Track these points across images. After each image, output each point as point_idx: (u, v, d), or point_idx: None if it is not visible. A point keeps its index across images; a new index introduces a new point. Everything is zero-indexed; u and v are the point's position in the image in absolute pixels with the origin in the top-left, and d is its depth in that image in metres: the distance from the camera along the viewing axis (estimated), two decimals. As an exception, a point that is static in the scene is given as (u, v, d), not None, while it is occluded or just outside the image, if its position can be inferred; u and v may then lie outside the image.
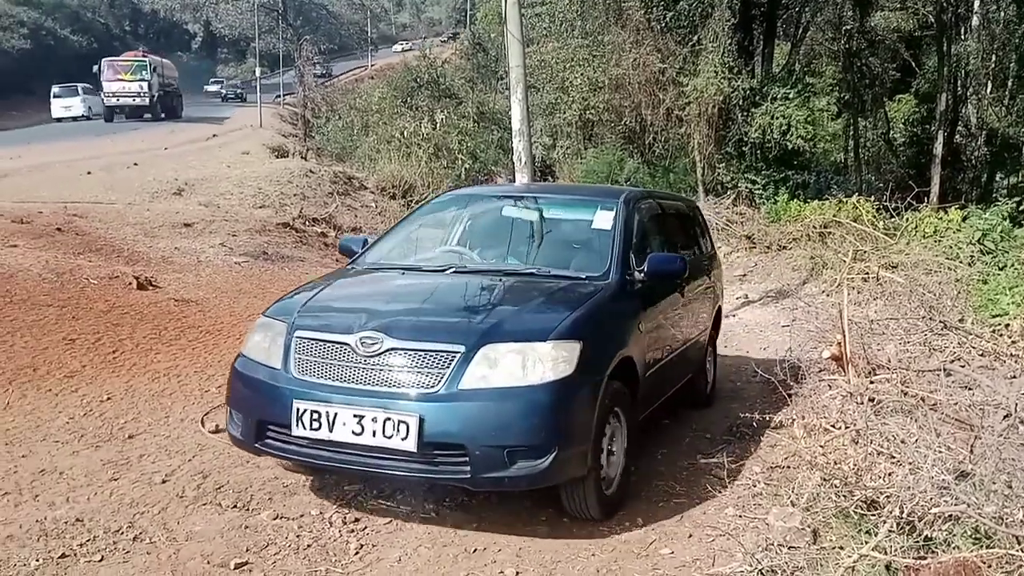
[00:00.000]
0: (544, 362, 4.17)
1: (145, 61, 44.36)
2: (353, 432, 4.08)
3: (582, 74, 21.13)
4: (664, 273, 5.32)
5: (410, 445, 4.00)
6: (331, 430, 4.12)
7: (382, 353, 4.20)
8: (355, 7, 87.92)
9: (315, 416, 4.15)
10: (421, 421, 3.99)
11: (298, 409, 4.19)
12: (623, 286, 5.08)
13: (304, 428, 4.18)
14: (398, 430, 4.01)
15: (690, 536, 4.46)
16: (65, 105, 44.93)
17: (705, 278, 7.07)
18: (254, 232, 12.42)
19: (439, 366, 4.14)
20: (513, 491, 4.57)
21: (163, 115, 45.19)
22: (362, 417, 4.07)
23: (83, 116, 44.74)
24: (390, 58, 61.24)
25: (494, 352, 4.18)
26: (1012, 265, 10.28)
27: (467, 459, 4.03)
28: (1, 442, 5.24)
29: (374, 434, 4.05)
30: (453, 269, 5.30)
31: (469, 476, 4.04)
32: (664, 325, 5.65)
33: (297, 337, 4.44)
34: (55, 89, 45.48)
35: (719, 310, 7.74)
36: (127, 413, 5.79)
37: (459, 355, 4.14)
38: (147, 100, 43.38)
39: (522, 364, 4.17)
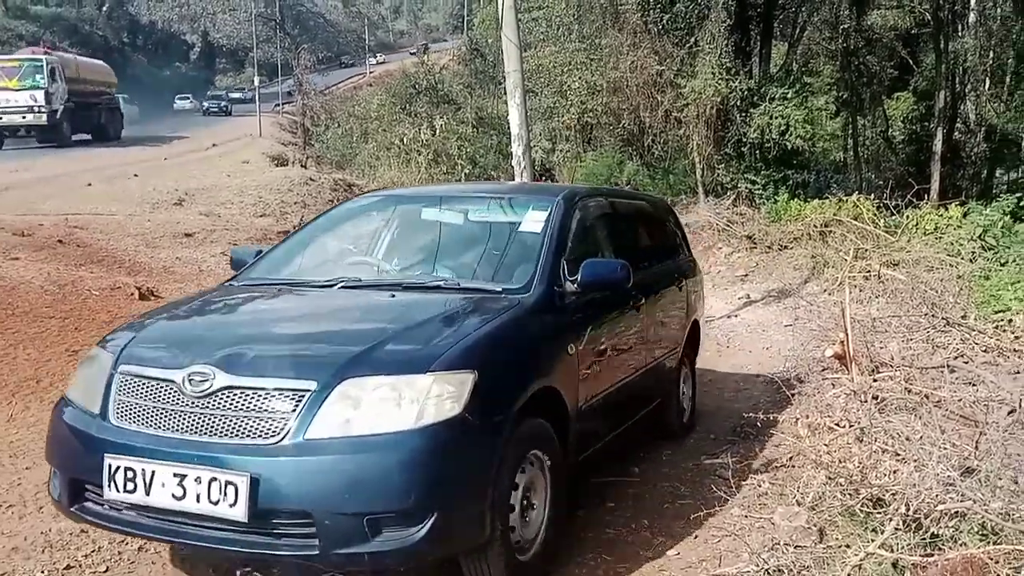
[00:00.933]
0: (422, 400, 3.26)
1: (41, 61, 31.42)
2: (174, 496, 3.19)
3: (580, 77, 21.18)
4: (601, 283, 4.41)
5: (239, 513, 3.11)
6: (148, 492, 3.22)
7: (213, 393, 3.32)
8: (352, 15, 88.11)
9: (129, 475, 3.26)
10: (253, 482, 3.10)
11: (110, 466, 3.30)
12: (549, 300, 4.19)
13: (117, 490, 3.28)
14: (225, 494, 3.12)
15: (696, 537, 4.45)
16: None
17: (673, 289, 6.18)
18: (255, 241, 12.42)
19: (283, 409, 3.25)
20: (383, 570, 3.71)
21: (88, 136, 34.93)
22: (184, 477, 3.18)
23: None
24: (371, 69, 61.19)
25: (357, 389, 3.28)
26: (1014, 261, 10.28)
27: (315, 530, 3.13)
28: (5, 454, 5.25)
29: (198, 498, 3.16)
30: (341, 284, 4.37)
31: (317, 552, 3.15)
32: (611, 346, 4.79)
33: (120, 373, 3.55)
34: None
35: (696, 325, 6.81)
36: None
37: (309, 394, 3.25)
38: (44, 117, 30.85)
39: (395, 403, 3.26)
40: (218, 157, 28.55)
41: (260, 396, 3.29)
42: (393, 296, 4.19)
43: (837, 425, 5.27)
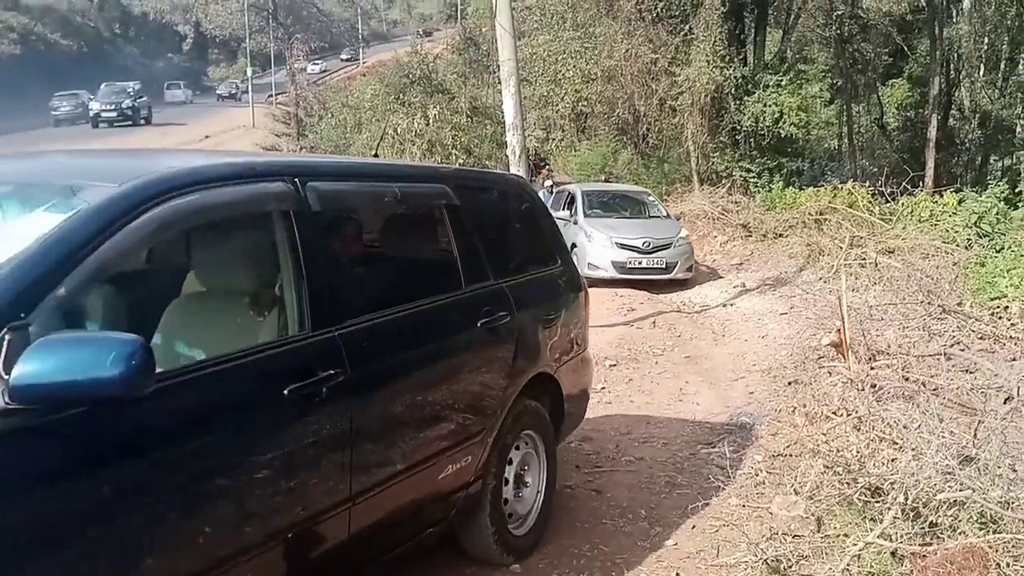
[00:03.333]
0: None
1: None
2: None
3: (574, 66, 21.13)
4: (61, 395, 2.01)
5: None
6: None
7: None
8: (345, 4, 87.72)
9: None
10: None
11: None
12: None
13: None
14: None
15: (694, 527, 4.44)
16: None
17: (474, 334, 3.73)
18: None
19: None
20: None
21: None
22: None
23: None
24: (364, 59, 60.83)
25: None
26: (1009, 247, 10.28)
27: None
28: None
29: None
30: None
31: None
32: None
33: None
34: None
35: (549, 379, 4.32)
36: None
37: None
38: None
39: None
40: (212, 148, 28.42)
41: None
42: None
43: (834, 414, 5.26)
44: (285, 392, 2.61)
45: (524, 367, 4.01)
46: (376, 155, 11.29)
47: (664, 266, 12.57)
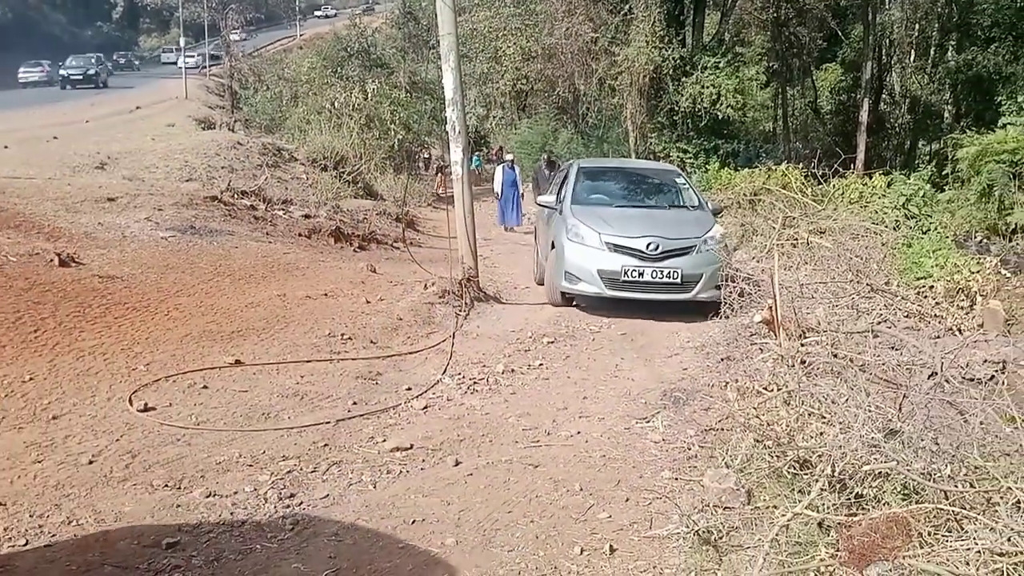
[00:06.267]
0: None
1: None
2: None
3: (515, 43, 21.11)
4: None
5: None
6: None
7: None
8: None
9: None
10: None
11: None
12: None
13: None
14: None
15: (627, 500, 4.49)
16: None
17: None
18: (181, 206, 12.08)
19: None
20: None
21: None
22: None
23: None
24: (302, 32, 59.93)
25: None
26: (935, 229, 10.59)
27: None
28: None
29: None
30: None
31: None
32: None
33: None
34: None
35: None
36: (51, 393, 5.59)
37: None
38: None
39: None
40: (142, 120, 27.73)
41: None
42: None
43: (765, 389, 5.37)
44: None
45: None
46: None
47: (679, 281, 8.96)
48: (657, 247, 8.97)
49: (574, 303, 9.64)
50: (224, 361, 6.44)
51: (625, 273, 8.92)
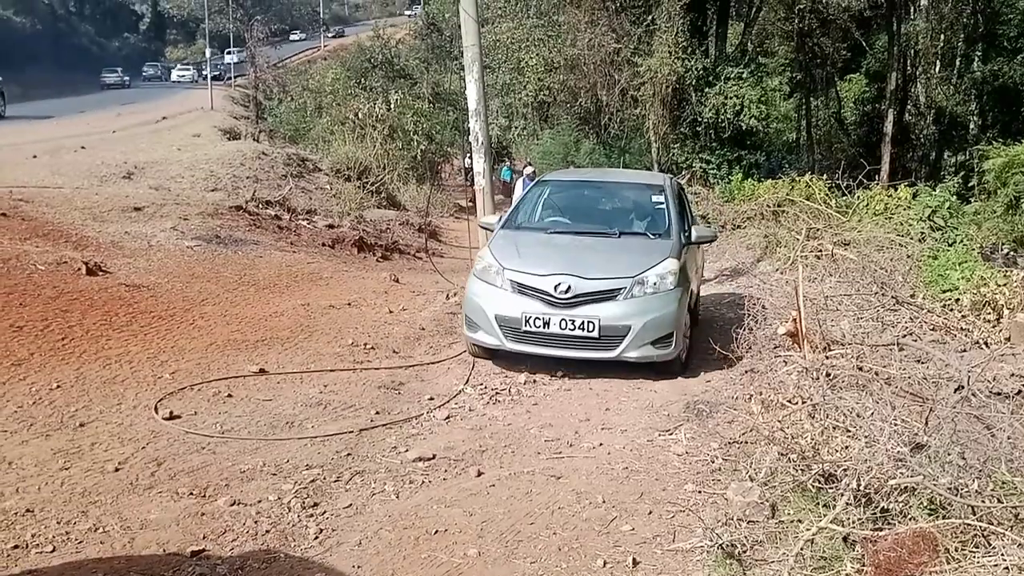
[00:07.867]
0: None
1: None
2: None
3: (537, 54, 21.15)
4: None
5: None
6: None
7: None
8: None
9: None
10: None
11: None
12: None
13: None
14: None
15: (650, 512, 4.47)
16: None
17: None
18: (206, 216, 12.19)
19: None
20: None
21: None
22: None
23: None
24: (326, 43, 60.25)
25: None
26: (961, 241, 10.50)
27: None
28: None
29: None
30: None
31: None
32: None
33: None
34: None
35: None
36: (78, 401, 5.65)
37: None
38: None
39: None
40: (168, 130, 27.95)
41: None
42: None
43: (789, 402, 5.33)
44: None
45: None
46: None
47: (595, 335, 6.83)
48: (567, 289, 6.88)
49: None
50: (248, 370, 6.49)
51: (527, 322, 6.90)
